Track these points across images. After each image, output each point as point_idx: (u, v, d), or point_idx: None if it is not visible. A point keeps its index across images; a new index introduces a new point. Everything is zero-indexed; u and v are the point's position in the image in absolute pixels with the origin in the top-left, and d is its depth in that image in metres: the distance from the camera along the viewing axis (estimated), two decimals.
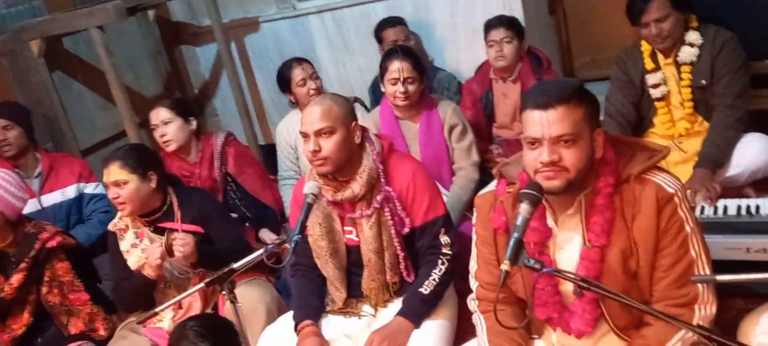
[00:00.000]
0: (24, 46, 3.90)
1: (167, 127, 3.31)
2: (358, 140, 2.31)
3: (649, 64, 3.05)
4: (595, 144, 1.73)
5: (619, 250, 1.75)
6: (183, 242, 2.56)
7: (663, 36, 2.91)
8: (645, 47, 3.06)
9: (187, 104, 3.54)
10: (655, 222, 1.72)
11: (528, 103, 1.72)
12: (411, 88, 3.06)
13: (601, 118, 3.04)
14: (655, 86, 3.04)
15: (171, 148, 3.33)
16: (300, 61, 3.65)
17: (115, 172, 2.62)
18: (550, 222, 1.84)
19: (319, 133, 2.23)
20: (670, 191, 1.73)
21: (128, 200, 2.63)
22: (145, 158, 2.71)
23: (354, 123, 2.30)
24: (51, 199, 3.48)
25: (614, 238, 1.76)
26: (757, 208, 2.49)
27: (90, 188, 3.58)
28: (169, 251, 2.59)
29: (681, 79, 2.98)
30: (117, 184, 2.62)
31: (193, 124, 3.39)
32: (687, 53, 2.94)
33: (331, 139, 2.23)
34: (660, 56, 3.03)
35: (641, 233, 1.74)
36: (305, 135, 2.26)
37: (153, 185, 2.68)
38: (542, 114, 1.68)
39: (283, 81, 3.61)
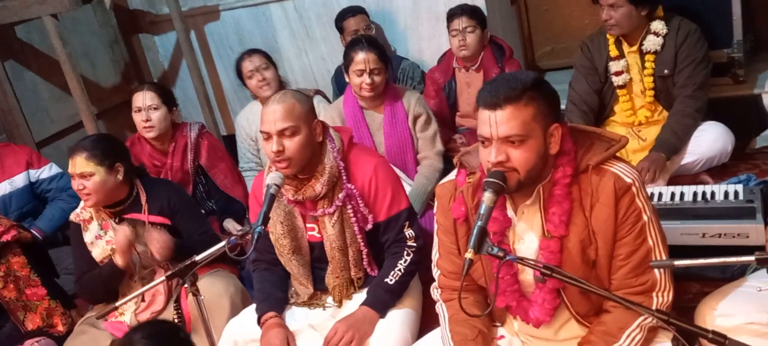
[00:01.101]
0: None
1: (153, 112, 3.26)
2: (319, 139, 2.28)
3: (613, 52, 3.09)
4: (551, 140, 1.73)
5: (578, 239, 1.77)
6: (160, 244, 2.52)
7: (611, 23, 2.97)
8: (610, 35, 3.09)
9: (172, 94, 3.49)
10: (614, 212, 1.74)
11: (479, 102, 1.73)
12: (377, 79, 3.05)
13: (563, 106, 3.09)
14: (618, 74, 3.09)
15: (151, 134, 3.27)
16: (250, 52, 3.64)
17: (81, 163, 2.56)
18: (509, 212, 1.86)
19: (281, 134, 2.18)
20: (628, 180, 1.75)
21: (94, 191, 2.58)
22: (112, 149, 2.65)
23: (316, 121, 2.27)
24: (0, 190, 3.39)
25: (573, 228, 1.77)
26: (712, 194, 2.55)
27: (45, 172, 3.49)
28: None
29: (644, 67, 3.03)
30: (83, 176, 2.56)
31: (175, 114, 3.37)
32: (651, 42, 2.98)
33: (294, 139, 2.19)
34: (625, 44, 3.08)
35: (600, 222, 1.76)
36: (267, 134, 2.21)
37: (120, 176, 2.63)
38: (491, 114, 1.68)
39: (238, 73, 3.62)
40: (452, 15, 3.48)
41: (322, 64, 4.50)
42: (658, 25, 2.98)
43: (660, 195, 2.64)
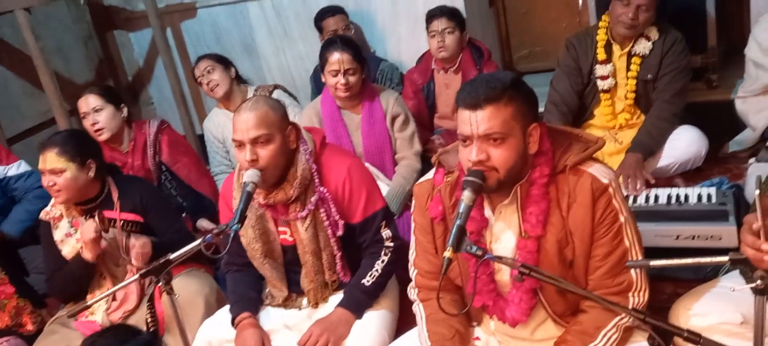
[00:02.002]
0: None
1: (98, 115, 3.19)
2: (293, 145, 2.24)
3: (601, 55, 3.09)
4: (530, 139, 1.74)
5: (555, 240, 1.78)
6: (142, 248, 2.51)
7: (635, 25, 2.94)
8: (601, 37, 3.09)
9: (117, 91, 3.44)
10: (591, 212, 1.75)
11: (459, 102, 1.73)
12: (352, 79, 3.03)
13: (541, 108, 3.09)
14: (603, 78, 3.09)
15: (103, 137, 3.21)
16: (198, 59, 3.71)
17: (52, 159, 2.51)
18: (487, 212, 1.86)
19: (255, 142, 2.13)
20: (605, 181, 1.76)
21: (64, 188, 2.53)
22: (84, 146, 2.61)
23: (289, 127, 2.23)
24: None
25: (550, 228, 1.78)
26: (686, 197, 2.58)
27: (12, 169, 3.40)
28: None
29: (629, 69, 3.04)
30: (53, 172, 2.51)
31: (124, 111, 3.29)
32: (643, 46, 3.00)
33: (267, 147, 2.14)
34: (615, 47, 3.08)
35: (577, 223, 1.77)
36: (239, 143, 2.16)
37: (91, 173, 2.58)
38: (471, 114, 1.69)
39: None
40: (431, 16, 3.48)
41: (300, 63, 4.48)
42: (652, 30, 3.00)
43: (634, 198, 2.66)
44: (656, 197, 2.63)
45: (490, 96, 1.68)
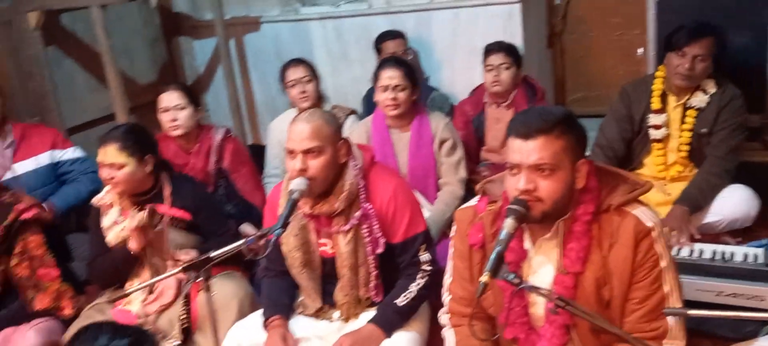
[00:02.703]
0: (21, 18, 3.88)
1: (180, 112, 3.30)
2: (343, 159, 2.28)
3: (655, 104, 3.05)
4: (578, 174, 1.75)
5: (594, 278, 1.76)
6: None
7: (691, 75, 2.91)
8: (657, 86, 3.06)
9: (197, 94, 3.55)
10: (632, 254, 1.74)
11: (511, 130, 1.75)
12: (401, 95, 3.08)
13: (588, 152, 3.07)
14: (657, 127, 3.05)
15: (178, 132, 3.31)
16: (297, 62, 3.69)
17: (112, 153, 2.58)
18: (526, 244, 1.85)
19: (307, 153, 2.19)
20: (649, 225, 1.74)
21: (122, 182, 2.61)
22: (143, 141, 2.68)
23: (341, 141, 2.28)
24: (24, 167, 3.43)
25: (589, 265, 1.77)
26: (732, 255, 2.52)
27: (68, 154, 3.55)
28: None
29: (684, 122, 3.00)
30: (113, 166, 2.58)
31: (200, 113, 3.41)
32: (699, 99, 2.96)
33: (318, 158, 2.19)
34: (671, 98, 3.04)
35: (617, 263, 1.75)
36: (291, 152, 2.21)
37: (148, 169, 2.66)
38: (523, 143, 1.71)
39: (282, 79, 3.68)
40: (489, 50, 3.51)
41: (355, 85, 4.55)
42: (708, 83, 2.96)
43: (678, 249, 2.61)
44: (701, 252, 2.58)
45: (543, 127, 1.70)
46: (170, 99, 3.31)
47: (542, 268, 1.83)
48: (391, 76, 3.07)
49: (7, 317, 2.75)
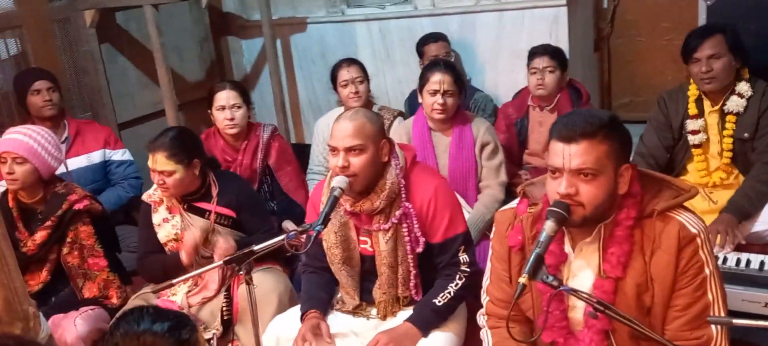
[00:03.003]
0: (78, 16, 4.01)
1: (237, 111, 3.37)
2: (385, 158, 2.30)
3: (692, 109, 3.01)
4: (621, 180, 1.72)
5: (634, 283, 1.74)
6: (224, 251, 2.61)
7: (711, 75, 2.86)
8: (692, 92, 3.02)
9: (248, 93, 3.62)
10: (675, 260, 1.71)
11: (554, 133, 1.73)
12: (449, 101, 3.08)
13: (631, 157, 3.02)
14: (694, 133, 3.00)
15: (234, 131, 3.39)
16: (350, 62, 3.73)
17: (162, 162, 2.65)
18: (567, 248, 1.84)
19: (349, 150, 2.21)
20: (693, 231, 1.71)
21: (173, 186, 2.68)
22: (190, 146, 2.74)
23: (383, 140, 2.29)
24: (76, 163, 3.55)
25: (630, 271, 1.74)
26: None
27: (117, 155, 3.67)
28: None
29: (724, 128, 2.94)
30: (163, 173, 2.65)
31: (252, 113, 3.50)
32: (735, 103, 2.90)
33: (360, 156, 2.22)
34: (706, 103, 2.99)
35: (659, 269, 1.72)
36: (334, 149, 2.25)
37: (197, 171, 2.73)
38: (565, 146, 1.69)
39: (332, 78, 3.71)
40: (534, 53, 3.48)
41: (398, 86, 4.57)
42: (743, 87, 2.90)
43: (725, 259, 2.55)
44: (748, 261, 2.51)
45: (587, 131, 1.68)
46: (228, 98, 3.37)
47: (582, 272, 1.82)
48: (441, 80, 3.06)
49: (57, 303, 2.85)
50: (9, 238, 2.04)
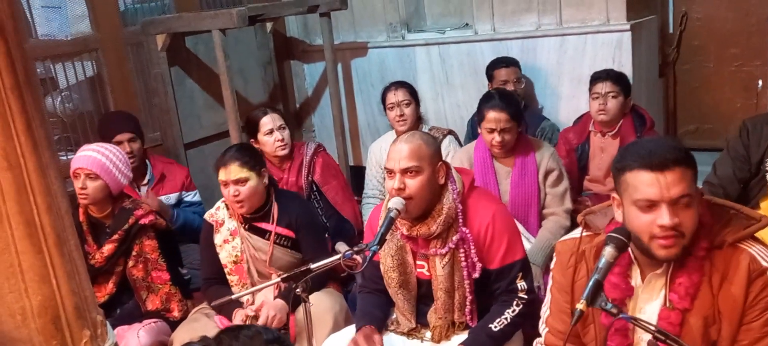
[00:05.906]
0: (150, 40, 4.17)
1: (284, 131, 3.50)
2: (442, 181, 2.29)
3: None
4: (700, 207, 1.67)
5: (702, 316, 1.68)
6: (277, 320, 2.66)
7: None
8: None
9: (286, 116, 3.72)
10: (744, 293, 1.64)
11: (636, 163, 1.64)
12: (506, 137, 3.05)
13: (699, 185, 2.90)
14: None
15: (285, 152, 3.49)
16: (398, 85, 3.76)
17: (235, 170, 2.72)
18: (635, 281, 1.78)
19: (405, 172, 2.22)
20: (765, 264, 1.65)
21: (247, 197, 2.74)
22: (257, 156, 2.84)
23: (440, 163, 2.29)
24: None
25: (698, 303, 1.68)
26: None
27: (190, 196, 3.74)
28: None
29: None
30: (238, 182, 2.73)
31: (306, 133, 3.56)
32: None
33: (416, 178, 2.22)
34: None
35: (727, 302, 1.66)
36: (390, 171, 2.26)
37: (266, 181, 2.80)
38: (659, 176, 1.60)
39: (383, 101, 3.76)
40: (596, 78, 3.43)
41: (457, 110, 4.56)
42: None
43: None
44: None
45: (679, 157, 1.61)
46: (275, 120, 3.47)
47: (648, 305, 1.76)
48: (497, 118, 3.02)
49: (122, 315, 2.94)
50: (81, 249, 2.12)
